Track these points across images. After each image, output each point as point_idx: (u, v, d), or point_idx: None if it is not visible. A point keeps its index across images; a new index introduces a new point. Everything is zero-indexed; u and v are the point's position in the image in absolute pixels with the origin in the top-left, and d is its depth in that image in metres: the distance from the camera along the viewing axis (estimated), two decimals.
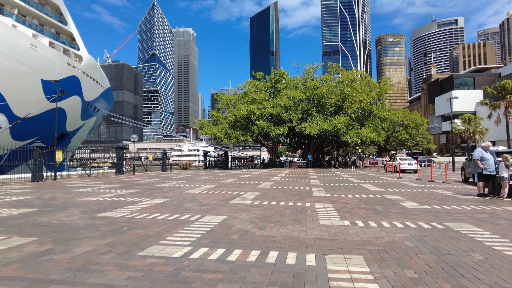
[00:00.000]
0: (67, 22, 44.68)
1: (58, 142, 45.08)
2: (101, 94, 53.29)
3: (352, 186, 14.02)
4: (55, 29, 43.16)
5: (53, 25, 42.63)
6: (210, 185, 14.27)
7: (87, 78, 46.03)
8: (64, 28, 43.94)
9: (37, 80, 37.37)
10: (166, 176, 21.91)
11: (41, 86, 38.02)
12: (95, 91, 50.22)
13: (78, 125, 48.45)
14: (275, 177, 20.48)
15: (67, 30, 44.61)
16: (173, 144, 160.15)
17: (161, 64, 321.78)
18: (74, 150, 52.57)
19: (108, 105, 62.76)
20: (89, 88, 47.26)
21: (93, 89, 49.21)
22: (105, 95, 56.68)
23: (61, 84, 40.51)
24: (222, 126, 38.13)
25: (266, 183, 15.28)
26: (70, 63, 41.93)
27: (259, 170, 32.23)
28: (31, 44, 35.86)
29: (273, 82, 42.82)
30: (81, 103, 45.89)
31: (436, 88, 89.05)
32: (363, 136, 35.59)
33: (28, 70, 35.82)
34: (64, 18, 44.65)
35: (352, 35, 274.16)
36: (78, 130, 49.77)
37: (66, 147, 43.54)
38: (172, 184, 15.09)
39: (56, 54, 39.46)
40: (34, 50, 36.20)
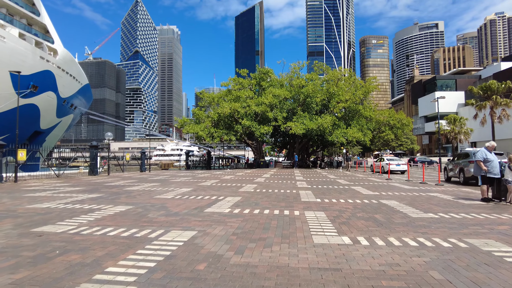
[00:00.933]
0: (40, 13, 42.01)
1: (32, 140, 42.53)
2: (78, 90, 50.65)
3: (342, 189, 12.89)
4: (27, 20, 40.50)
5: (24, 16, 39.98)
6: (186, 188, 12.85)
7: (62, 74, 43.46)
8: (37, 19, 41.31)
9: (5, 74, 34.78)
10: (141, 177, 20.30)
11: (10, 80, 35.38)
12: (72, 88, 47.60)
13: (53, 122, 45.79)
14: (259, 178, 19.21)
15: (40, 22, 41.96)
16: (156, 143, 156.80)
17: (144, 62, 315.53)
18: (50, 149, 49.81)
19: (86, 102, 60.02)
20: (65, 84, 44.69)
21: (70, 85, 46.59)
22: (83, 92, 54.02)
23: (33, 79, 38.14)
24: (205, 125, 36.56)
25: (249, 186, 13.98)
26: (44, 56, 39.37)
27: (243, 171, 30.90)
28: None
29: (258, 80, 41.56)
30: (57, 100, 43.35)
31: (419, 89, 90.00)
32: (349, 136, 34.78)
33: None
34: (37, 8, 41.97)
35: (336, 36, 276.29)
36: (54, 128, 47.06)
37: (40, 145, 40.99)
38: (144, 187, 13.58)
39: (27, 47, 36.88)
40: (1, 41, 33.64)
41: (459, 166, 16.36)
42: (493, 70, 71.93)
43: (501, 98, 29.39)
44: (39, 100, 39.63)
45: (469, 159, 15.63)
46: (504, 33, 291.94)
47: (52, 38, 43.24)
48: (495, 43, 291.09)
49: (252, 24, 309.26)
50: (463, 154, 17.31)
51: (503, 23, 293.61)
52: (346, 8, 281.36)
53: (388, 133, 40.83)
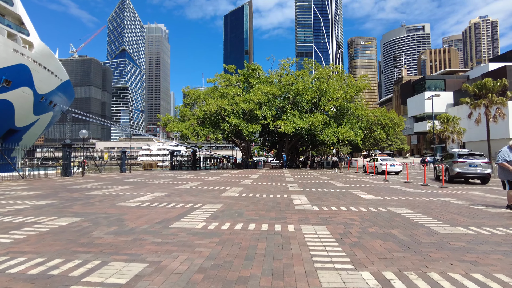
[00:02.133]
0: (14, 3, 39.29)
1: (6, 138, 39.77)
2: (58, 87, 47.93)
3: (340, 193, 11.30)
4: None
5: None
6: (161, 192, 11.07)
7: (39, 68, 40.81)
8: (9, 9, 38.62)
9: None
10: (116, 179, 18.34)
11: None
12: (51, 83, 44.89)
13: (30, 120, 43.05)
14: (247, 180, 17.51)
15: (14, 12, 39.26)
16: (142, 143, 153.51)
17: (131, 60, 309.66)
18: (27, 148, 46.99)
19: (68, 100, 57.25)
20: (43, 80, 42.02)
21: (48, 81, 43.89)
22: (64, 89, 51.29)
23: (6, 73, 35.51)
24: (190, 123, 34.65)
25: (234, 189, 12.27)
26: (17, 49, 36.74)
27: (230, 171, 29.15)
28: None
29: (246, 76, 39.82)
30: (33, 96, 40.70)
31: (408, 90, 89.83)
32: (340, 135, 33.43)
33: None
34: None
35: (325, 36, 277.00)
36: (31, 126, 44.28)
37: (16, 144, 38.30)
38: (112, 190, 11.71)
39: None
40: None
41: (445, 166, 17.87)
42: (482, 71, 72.03)
43: (496, 97, 28.49)
44: (13, 96, 37.04)
45: (453, 160, 17.42)
46: (488, 36, 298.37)
47: (27, 30, 40.53)
48: (479, 45, 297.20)
49: (241, 23, 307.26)
50: (449, 155, 19.14)
51: (487, 27, 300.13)
52: (335, 9, 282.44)
53: (379, 133, 39.71)
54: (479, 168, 16.51)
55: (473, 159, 16.83)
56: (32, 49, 39.77)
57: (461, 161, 16.86)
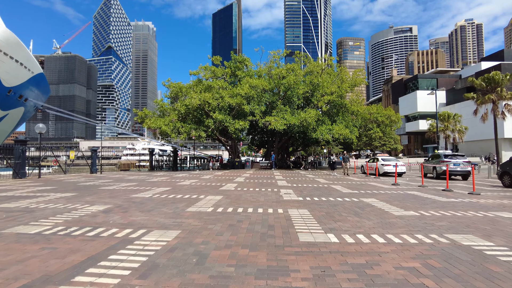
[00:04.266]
0: None
1: None
2: (29, 80, 43.62)
3: (354, 205, 8.29)
4: None
5: None
6: (103, 204, 7.85)
7: (5, 58, 36.62)
8: None
9: None
10: (69, 182, 14.93)
11: None
12: (19, 76, 40.64)
13: None
14: (230, 183, 14.38)
15: None
16: (128, 142, 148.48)
17: (117, 58, 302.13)
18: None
19: (43, 95, 52.91)
20: (10, 71, 37.84)
21: (16, 73, 39.65)
22: (37, 82, 47.00)
23: None
24: (170, 119, 31.25)
25: (210, 199, 9.13)
26: None
27: (214, 173, 25.94)
28: None
29: (233, 69, 36.59)
30: None
31: (400, 88, 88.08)
32: (335, 133, 30.51)
33: None
34: None
35: (314, 37, 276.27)
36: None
37: None
38: (34, 201, 8.42)
39: None
40: None
41: (433, 165, 20.67)
42: (475, 70, 70.49)
43: (505, 92, 26.12)
44: None
45: (440, 159, 20.53)
46: (473, 38, 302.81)
47: None
48: (465, 47, 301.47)
49: (230, 22, 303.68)
50: (436, 155, 22.23)
51: (472, 29, 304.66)
52: (324, 9, 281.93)
53: (375, 131, 37.09)
54: (461, 167, 19.39)
55: (457, 159, 20.08)
56: None
57: (447, 160, 19.74)
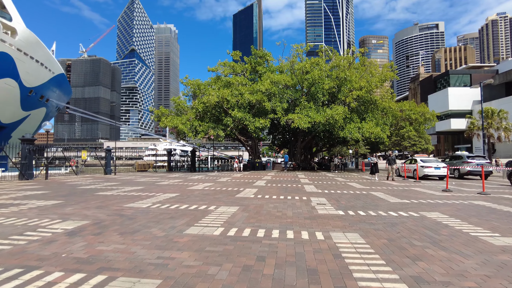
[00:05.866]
0: None
1: None
2: (50, 80, 43.34)
3: (418, 223, 5.95)
4: None
5: None
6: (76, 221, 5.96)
7: (25, 58, 36.25)
8: None
9: None
10: (69, 185, 13.29)
11: None
12: (40, 76, 40.32)
13: (19, 116, 38.59)
14: (249, 188, 12.29)
15: None
16: (150, 143, 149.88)
17: (140, 60, 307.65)
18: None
19: (65, 95, 52.90)
20: (30, 71, 37.50)
21: (37, 73, 39.32)
22: (58, 83, 46.80)
23: None
24: (187, 117, 29.55)
25: (222, 211, 7.06)
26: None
27: (232, 174, 23.97)
28: None
29: (253, 65, 34.51)
30: (19, 89, 36.21)
31: (429, 86, 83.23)
32: (365, 132, 27.79)
33: None
34: None
35: (336, 36, 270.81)
36: (21, 122, 39.77)
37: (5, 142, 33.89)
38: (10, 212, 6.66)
39: None
40: None
41: (455, 166, 20.80)
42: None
43: None
44: None
45: (462, 160, 21.34)
46: (506, 33, 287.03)
47: (9, 14, 35.94)
48: (497, 43, 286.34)
49: (250, 23, 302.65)
50: (457, 156, 23.13)
51: (505, 24, 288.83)
52: (346, 7, 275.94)
53: (408, 129, 33.98)
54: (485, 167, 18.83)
55: (479, 160, 20.77)
56: (16, 36, 35.20)
57: (470, 161, 20.57)
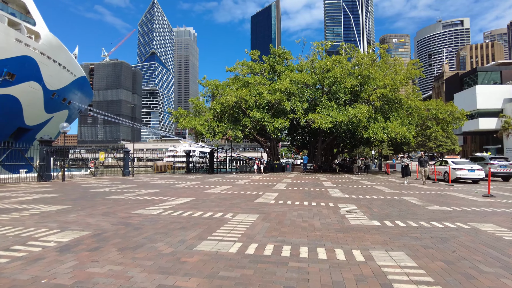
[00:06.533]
0: None
1: (18, 138, 36.21)
2: (72, 83, 44.01)
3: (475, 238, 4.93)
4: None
5: None
6: (77, 230, 5.29)
7: (48, 61, 36.85)
8: None
9: None
10: (82, 187, 12.84)
11: None
12: (62, 79, 40.96)
13: (42, 118, 39.30)
14: (269, 192, 11.45)
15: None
16: (170, 144, 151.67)
17: (160, 63, 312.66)
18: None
19: (86, 98, 53.76)
20: (53, 74, 38.09)
21: (59, 76, 39.95)
22: (80, 86, 47.54)
23: (8, 65, 31.75)
24: (205, 118, 29.04)
25: (240, 222, 6.25)
26: (21, 39, 32.78)
27: (251, 176, 23.19)
28: None
29: (272, 64, 33.64)
30: (43, 92, 36.86)
31: (455, 84, 79.74)
32: (390, 132, 26.38)
33: None
34: None
35: (355, 35, 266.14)
36: (45, 124, 40.52)
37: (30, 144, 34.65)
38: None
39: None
40: None
41: None
42: None
43: None
44: (19, 91, 33.32)
45: (485, 162, 20.68)
46: None
47: (33, 19, 36.64)
48: None
49: (269, 24, 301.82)
50: (479, 157, 22.34)
51: None
52: (366, 6, 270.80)
53: (435, 129, 32.20)
54: (508, 168, 19.86)
55: (502, 162, 20.60)
56: (39, 40, 35.83)
57: (493, 163, 20.16)
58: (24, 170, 25.53)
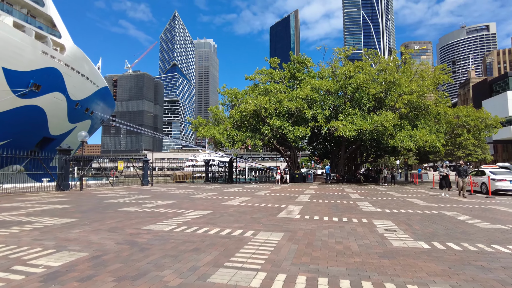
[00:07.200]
0: (44, 3, 36.69)
1: (43, 147, 36.96)
2: (94, 93, 44.83)
3: None
4: (28, 10, 35.29)
5: (25, 5, 34.75)
6: (74, 251, 4.60)
7: (72, 72, 37.66)
8: (40, 9, 36.00)
9: None
10: (98, 198, 12.36)
11: (3, 76, 29.82)
12: (86, 89, 41.78)
13: (66, 128, 40.05)
14: (292, 205, 10.53)
15: (44, 13, 36.64)
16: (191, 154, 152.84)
17: (181, 74, 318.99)
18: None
19: (108, 108, 54.68)
20: (77, 85, 38.89)
21: (82, 87, 40.77)
22: (102, 96, 48.39)
23: (34, 77, 32.54)
24: (224, 127, 28.52)
25: (262, 243, 5.37)
26: (47, 51, 33.65)
27: (271, 186, 22.31)
28: None
29: (292, 71, 32.89)
30: (66, 102, 37.60)
31: (484, 90, 76.28)
32: (419, 140, 24.91)
33: None
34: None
35: (376, 43, 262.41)
36: (68, 134, 41.28)
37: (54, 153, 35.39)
38: None
39: (24, 39, 31.15)
40: None
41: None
42: None
43: None
44: (44, 102, 34.09)
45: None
46: None
47: (58, 32, 37.62)
48: None
49: (288, 34, 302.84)
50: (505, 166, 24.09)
51: None
52: (386, 14, 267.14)
53: (467, 137, 30.29)
54: None
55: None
56: (64, 52, 36.73)
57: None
58: (47, 179, 25.66)
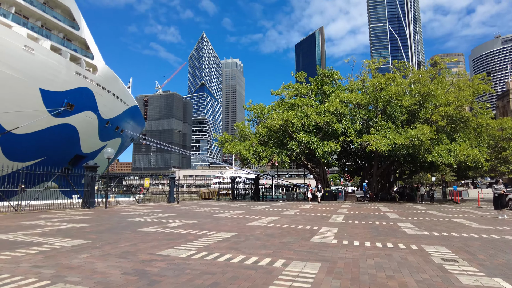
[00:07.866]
0: (80, 27, 38.45)
1: (75, 165, 38.09)
2: (124, 112, 45.95)
3: None
4: (65, 34, 37.05)
5: (62, 30, 36.50)
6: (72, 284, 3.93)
7: (103, 92, 38.91)
8: (76, 33, 37.68)
9: (34, 89, 30.66)
10: (120, 216, 11.88)
11: (40, 96, 31.11)
12: (116, 108, 42.94)
13: (97, 146, 41.11)
14: (326, 227, 9.45)
15: (80, 37, 38.31)
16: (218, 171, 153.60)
17: (209, 93, 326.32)
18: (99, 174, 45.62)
19: (138, 126, 55.94)
20: (107, 104, 40.06)
21: (113, 105, 41.94)
22: (132, 114, 49.59)
23: (68, 96, 33.81)
24: (250, 143, 27.88)
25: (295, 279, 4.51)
26: (80, 72, 35.01)
27: (300, 205, 21.17)
28: (26, 46, 29.09)
29: (319, 85, 31.97)
30: (98, 121, 38.72)
31: None
32: (459, 154, 22.98)
33: (21, 77, 29.09)
34: (76, 23, 38.48)
35: (404, 57, 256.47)
36: (99, 152, 42.31)
37: None
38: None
39: (60, 61, 32.56)
40: (29, 53, 29.41)
41: None
42: None
43: None
44: (77, 120, 35.23)
45: None
46: None
47: (91, 53, 39.20)
48: None
49: (313, 50, 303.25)
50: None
51: None
52: (413, 28, 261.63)
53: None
54: None
55: None
56: (96, 72, 38.13)
57: None
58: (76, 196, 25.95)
